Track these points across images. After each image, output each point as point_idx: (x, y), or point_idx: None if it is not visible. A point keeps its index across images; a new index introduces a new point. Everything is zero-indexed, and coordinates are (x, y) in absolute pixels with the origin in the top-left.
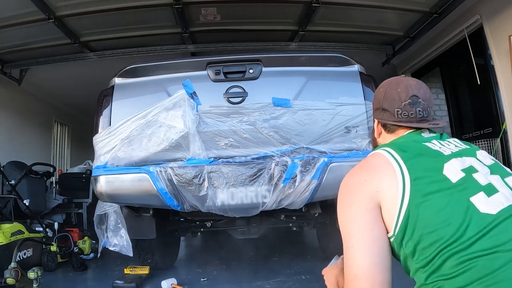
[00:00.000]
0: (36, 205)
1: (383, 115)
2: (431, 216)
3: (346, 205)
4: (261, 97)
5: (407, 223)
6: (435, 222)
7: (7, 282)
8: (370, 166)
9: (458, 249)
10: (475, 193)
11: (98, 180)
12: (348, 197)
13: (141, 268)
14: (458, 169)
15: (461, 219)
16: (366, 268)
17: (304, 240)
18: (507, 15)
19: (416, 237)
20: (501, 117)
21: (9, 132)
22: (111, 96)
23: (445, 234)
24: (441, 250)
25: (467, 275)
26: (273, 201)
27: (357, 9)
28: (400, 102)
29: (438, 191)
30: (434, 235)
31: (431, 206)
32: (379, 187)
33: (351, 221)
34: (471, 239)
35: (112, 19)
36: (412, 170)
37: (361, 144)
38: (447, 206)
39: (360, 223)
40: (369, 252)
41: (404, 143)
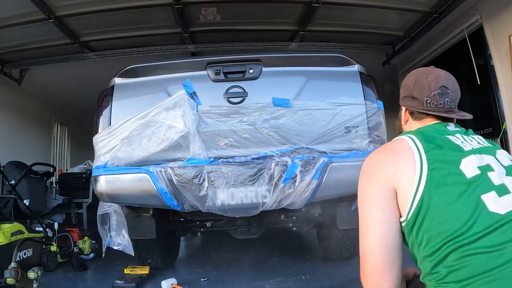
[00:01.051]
0: (36, 205)
1: (412, 103)
2: (442, 207)
3: (363, 184)
4: (261, 97)
5: (419, 211)
6: (445, 214)
7: (7, 282)
8: (392, 149)
9: (463, 243)
10: (487, 191)
11: (98, 180)
12: (366, 177)
13: (141, 268)
14: (474, 166)
15: (469, 214)
16: (372, 246)
17: (304, 240)
18: (507, 15)
19: (426, 225)
20: (501, 117)
21: (9, 132)
22: (111, 96)
23: (453, 227)
24: (447, 241)
25: (468, 269)
26: (273, 201)
27: (357, 9)
28: (429, 91)
29: (452, 184)
30: (442, 226)
31: (443, 197)
32: (398, 171)
33: (365, 200)
34: (476, 235)
35: (112, 19)
36: (430, 160)
37: (361, 144)
38: (458, 199)
39: (372, 203)
40: (377, 231)
41: (428, 133)
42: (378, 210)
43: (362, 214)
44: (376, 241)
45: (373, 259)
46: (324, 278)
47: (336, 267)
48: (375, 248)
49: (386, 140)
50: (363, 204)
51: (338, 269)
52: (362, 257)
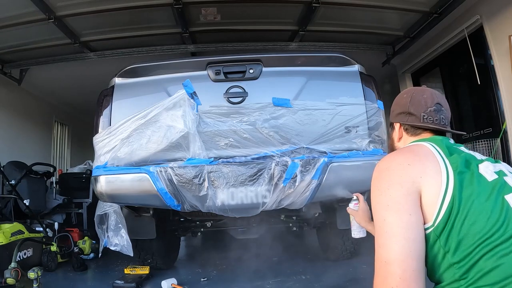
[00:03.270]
0: (36, 205)
1: (408, 119)
2: (472, 209)
3: (383, 188)
4: (261, 97)
5: (449, 214)
6: (476, 215)
7: (7, 282)
8: (413, 151)
9: (497, 243)
10: (508, 192)
11: (98, 180)
12: (386, 180)
13: (141, 268)
14: (492, 171)
15: (499, 214)
16: (400, 255)
17: (304, 240)
18: (507, 15)
19: (457, 228)
20: (501, 117)
21: (9, 132)
22: (111, 96)
23: (485, 227)
24: (480, 243)
25: (503, 269)
26: (273, 201)
27: (357, 9)
28: (426, 107)
29: (478, 186)
30: (474, 228)
31: (474, 199)
32: (424, 173)
33: (387, 205)
34: (507, 234)
35: (112, 19)
36: (454, 164)
37: (361, 144)
38: (487, 201)
39: (398, 207)
40: (404, 238)
41: (442, 141)
42: (405, 215)
43: (383, 221)
44: (404, 249)
45: (400, 270)
46: (324, 278)
47: (336, 267)
48: (404, 257)
49: (386, 140)
50: (385, 209)
51: (338, 269)
52: (385, 269)
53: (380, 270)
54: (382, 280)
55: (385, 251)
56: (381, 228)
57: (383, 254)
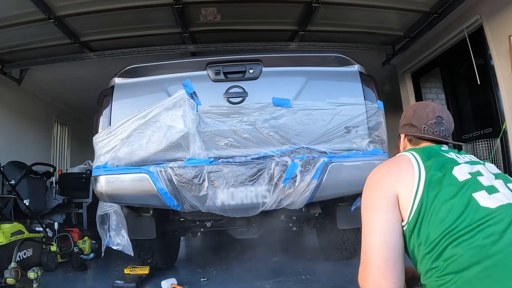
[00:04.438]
0: (36, 205)
1: (410, 130)
2: (439, 206)
3: (367, 192)
4: (261, 97)
5: (419, 211)
6: (442, 211)
7: (7, 282)
8: (394, 161)
9: (459, 235)
10: (477, 190)
11: (98, 180)
12: (370, 186)
13: (141, 268)
14: (466, 172)
15: (463, 209)
16: (375, 245)
17: (304, 240)
18: (507, 15)
19: (425, 223)
20: (501, 117)
21: (9, 132)
22: (111, 96)
23: (448, 221)
24: (444, 235)
25: (465, 258)
26: (273, 201)
27: (357, 9)
28: (427, 119)
29: (447, 185)
30: (439, 222)
31: (439, 197)
32: (399, 178)
33: (368, 205)
34: (470, 226)
35: (112, 19)
36: (427, 168)
37: (361, 144)
38: (452, 198)
39: (376, 206)
40: (379, 231)
41: (425, 149)
42: (381, 212)
43: (365, 218)
44: (379, 240)
45: (375, 258)
46: (324, 278)
47: (336, 267)
48: (378, 247)
49: (386, 140)
50: (367, 209)
51: (338, 269)
52: (364, 258)
53: (362, 259)
54: (363, 268)
55: (365, 243)
56: (363, 224)
57: (363, 245)
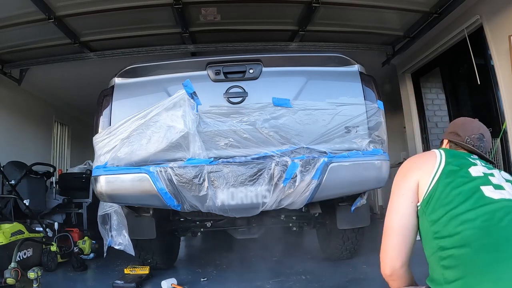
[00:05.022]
0: (36, 205)
1: (455, 137)
2: (449, 190)
3: (395, 180)
4: (261, 97)
5: (432, 193)
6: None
7: (7, 282)
8: (422, 154)
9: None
10: (485, 185)
11: (98, 180)
12: (398, 174)
13: (141, 268)
14: (480, 171)
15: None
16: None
17: (304, 240)
18: (507, 15)
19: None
20: (501, 117)
21: (9, 132)
22: (111, 96)
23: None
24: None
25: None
26: (273, 201)
27: (357, 9)
28: (471, 133)
29: (460, 177)
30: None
31: (451, 184)
32: (422, 167)
33: (394, 190)
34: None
35: (112, 19)
36: (447, 162)
37: (361, 144)
38: (462, 186)
39: (398, 190)
40: (394, 211)
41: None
42: (401, 196)
43: (390, 201)
44: (395, 220)
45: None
46: (324, 278)
47: (336, 267)
48: (394, 226)
49: (386, 140)
50: (392, 193)
51: (338, 269)
52: (383, 234)
53: (383, 235)
54: (382, 243)
55: (385, 221)
56: (388, 207)
57: (384, 223)
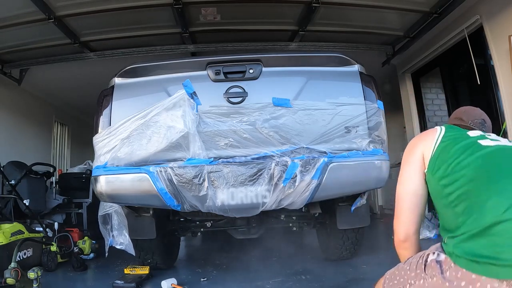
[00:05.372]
0: (36, 205)
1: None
2: (449, 149)
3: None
4: (261, 97)
5: (435, 156)
6: (451, 151)
7: (7, 282)
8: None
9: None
10: (483, 139)
11: (98, 180)
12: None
13: (141, 268)
14: (478, 133)
15: (467, 147)
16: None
17: (304, 240)
18: (507, 15)
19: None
20: (501, 117)
21: (9, 132)
22: (111, 96)
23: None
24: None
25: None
26: (273, 201)
27: (357, 9)
28: (474, 118)
29: (459, 138)
30: (449, 157)
31: (451, 144)
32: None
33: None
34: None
35: (112, 19)
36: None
37: (361, 144)
38: (461, 142)
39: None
40: (405, 179)
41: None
42: (408, 166)
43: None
44: (404, 188)
45: (401, 203)
46: (324, 278)
47: (336, 267)
48: (403, 194)
49: (386, 140)
50: (401, 167)
51: (338, 269)
52: (395, 204)
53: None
54: (395, 212)
55: (396, 191)
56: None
57: (396, 193)
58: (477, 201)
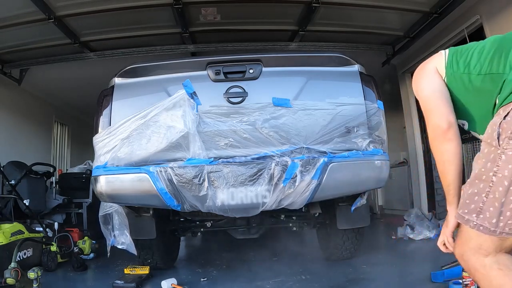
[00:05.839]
0: (36, 205)
1: None
2: (461, 48)
3: (415, 80)
4: (261, 97)
5: (450, 59)
6: (464, 48)
7: (7, 282)
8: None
9: (477, 47)
10: None
11: (98, 180)
12: (417, 74)
13: (141, 268)
14: None
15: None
16: (427, 91)
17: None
18: (507, 15)
19: (457, 58)
20: None
21: (9, 132)
22: (111, 96)
23: (468, 48)
24: (468, 54)
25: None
26: (273, 201)
27: (357, 9)
28: None
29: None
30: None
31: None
32: (434, 59)
33: (417, 81)
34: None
35: (112, 19)
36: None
37: (361, 144)
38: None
39: (419, 77)
40: (425, 84)
41: None
42: (425, 75)
43: (419, 87)
44: (430, 87)
45: (432, 98)
46: (324, 278)
47: (336, 267)
48: (431, 91)
49: (386, 140)
50: (418, 82)
51: (338, 269)
52: (425, 107)
53: (424, 110)
54: (428, 109)
55: (422, 94)
56: (419, 88)
57: (422, 98)
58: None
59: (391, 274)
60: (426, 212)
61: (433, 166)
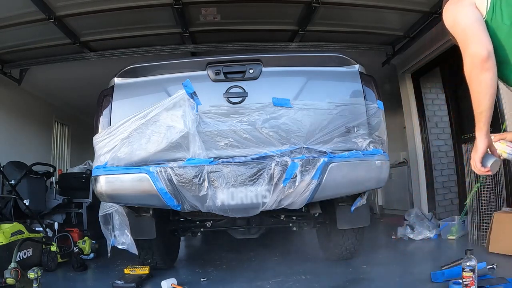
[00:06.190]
0: (36, 205)
1: None
2: None
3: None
4: (261, 97)
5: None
6: None
7: (7, 282)
8: None
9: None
10: None
11: (98, 180)
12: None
13: (141, 268)
14: None
15: None
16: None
17: (304, 240)
18: None
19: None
20: (501, 117)
21: (9, 132)
22: (111, 96)
23: None
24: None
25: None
26: (273, 201)
27: (357, 9)
28: None
29: None
30: None
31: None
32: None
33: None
34: None
35: (112, 19)
36: None
37: (361, 144)
38: None
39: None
40: (463, 14)
41: None
42: (467, 7)
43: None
44: (468, 17)
45: (470, 27)
46: (324, 278)
47: (336, 267)
48: (470, 21)
49: (386, 140)
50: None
51: (338, 269)
52: (462, 38)
53: (459, 42)
54: (465, 39)
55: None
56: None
57: (459, 30)
58: None
59: (391, 274)
60: (426, 212)
61: (433, 166)
